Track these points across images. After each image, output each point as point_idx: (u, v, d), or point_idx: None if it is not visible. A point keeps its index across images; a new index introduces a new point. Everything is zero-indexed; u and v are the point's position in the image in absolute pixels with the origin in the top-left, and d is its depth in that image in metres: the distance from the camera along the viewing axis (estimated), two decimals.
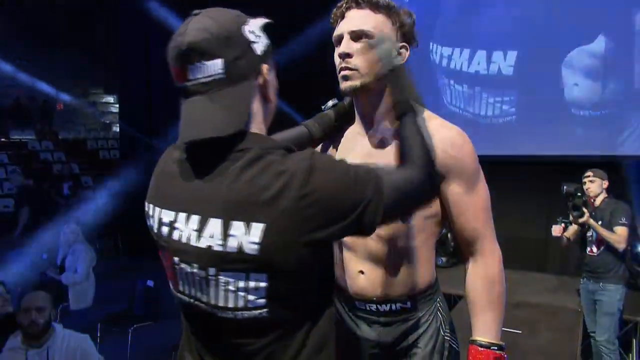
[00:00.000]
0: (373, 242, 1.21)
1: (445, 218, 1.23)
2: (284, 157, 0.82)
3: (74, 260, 4.17)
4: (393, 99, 1.10)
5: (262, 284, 0.82)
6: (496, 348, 1.15)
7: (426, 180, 0.94)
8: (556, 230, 3.32)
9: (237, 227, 0.80)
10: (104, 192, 10.36)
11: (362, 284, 1.24)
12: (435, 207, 1.20)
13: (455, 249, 4.43)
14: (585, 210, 3.09)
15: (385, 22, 1.16)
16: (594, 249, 3.20)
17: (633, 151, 4.40)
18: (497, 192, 1.25)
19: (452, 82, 5.20)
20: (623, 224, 3.05)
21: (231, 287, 0.83)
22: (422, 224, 1.20)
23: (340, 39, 1.17)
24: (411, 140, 1.00)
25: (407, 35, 1.20)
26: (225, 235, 0.80)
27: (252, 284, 0.82)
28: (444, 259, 4.61)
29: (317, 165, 0.81)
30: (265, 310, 0.84)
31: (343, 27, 1.16)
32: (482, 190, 1.20)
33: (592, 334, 3.26)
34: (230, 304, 0.84)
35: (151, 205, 0.93)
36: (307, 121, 1.27)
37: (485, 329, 1.17)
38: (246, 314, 0.84)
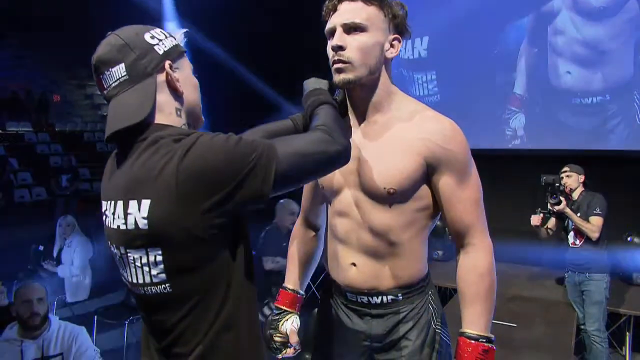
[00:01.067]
0: (365, 235, 1.22)
1: (438, 211, 1.23)
2: (175, 141, 0.90)
3: (70, 252, 4.18)
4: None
5: (159, 258, 0.91)
6: (485, 340, 1.15)
7: (329, 142, 0.99)
8: (535, 219, 3.38)
9: (132, 205, 0.90)
10: (100, 184, 10.37)
11: (353, 276, 1.25)
12: (427, 199, 1.21)
13: (450, 243, 4.45)
14: (562, 198, 3.18)
15: (378, 14, 1.16)
16: (577, 242, 3.28)
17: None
18: (492, 183, 1.26)
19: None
20: (598, 214, 3.15)
21: (137, 264, 0.93)
22: (414, 217, 1.21)
23: (332, 31, 1.16)
24: (321, 113, 1.10)
25: (399, 27, 1.19)
26: (125, 214, 0.91)
27: (151, 258, 0.91)
28: (440, 252, 4.62)
29: (197, 142, 0.89)
30: (168, 284, 0.92)
31: (335, 20, 1.16)
32: (474, 182, 1.19)
33: (582, 327, 3.30)
34: (140, 280, 0.94)
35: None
36: (295, 114, 1.26)
37: (474, 321, 1.17)
38: (153, 289, 0.93)
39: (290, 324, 1.38)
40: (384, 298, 1.24)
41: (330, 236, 1.34)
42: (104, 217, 0.99)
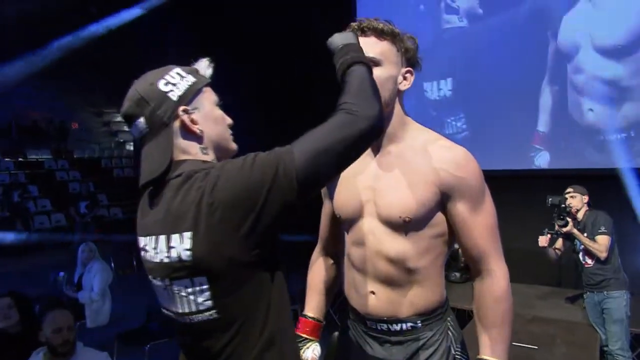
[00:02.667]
0: (381, 263, 1.24)
1: (454, 237, 1.25)
2: (206, 174, 0.94)
3: (90, 278, 4.23)
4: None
5: (205, 287, 0.94)
6: None
7: (352, 122, 0.95)
8: (542, 240, 3.38)
9: (175, 239, 0.94)
10: (118, 209, 10.50)
11: (372, 304, 1.27)
12: (442, 226, 1.23)
13: (467, 265, 4.40)
14: (569, 219, 3.21)
15: (391, 49, 1.20)
16: (589, 261, 3.27)
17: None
18: (510, 205, 1.28)
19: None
20: (603, 233, 3.15)
21: (183, 294, 0.96)
22: (430, 244, 1.23)
23: None
24: (348, 83, 1.03)
25: (411, 60, 1.24)
26: (168, 247, 0.95)
27: (197, 288, 0.94)
28: (457, 274, 4.59)
29: (223, 172, 0.93)
30: (214, 311, 0.95)
31: None
32: (488, 208, 1.21)
33: (605, 348, 3.24)
34: (186, 309, 0.97)
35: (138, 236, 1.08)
36: None
37: (491, 346, 1.19)
38: (199, 317, 0.97)
39: (312, 352, 1.40)
40: (403, 325, 1.25)
41: (348, 265, 1.36)
42: (143, 252, 1.03)
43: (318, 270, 1.52)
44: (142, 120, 1.00)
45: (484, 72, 5.08)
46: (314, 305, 1.49)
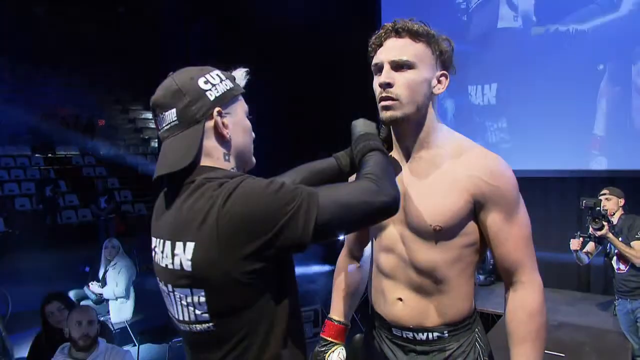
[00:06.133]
0: (411, 271, 1.21)
1: (485, 246, 1.21)
2: (220, 184, 0.92)
3: (115, 274, 4.29)
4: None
5: (202, 299, 0.93)
6: None
7: (375, 192, 0.96)
8: (574, 244, 3.27)
9: (179, 247, 0.93)
10: (142, 205, 10.67)
11: (399, 311, 1.24)
12: (474, 235, 1.19)
13: (494, 266, 4.34)
14: (604, 223, 3.06)
15: (426, 51, 1.15)
16: (622, 267, 3.16)
17: None
18: (538, 208, 1.23)
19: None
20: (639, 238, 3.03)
21: (184, 302, 0.96)
22: (460, 253, 1.19)
23: (380, 68, 1.16)
24: (371, 161, 1.06)
25: (446, 63, 1.19)
26: (172, 254, 0.94)
27: (195, 298, 0.94)
28: (482, 276, 4.51)
29: (240, 186, 0.90)
30: (211, 324, 0.95)
31: (382, 56, 1.16)
32: (523, 218, 1.17)
33: (638, 359, 3.13)
34: (186, 318, 0.97)
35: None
36: (339, 153, 1.26)
37: None
38: (198, 327, 0.96)
39: (337, 356, 1.38)
40: (430, 335, 1.22)
41: (375, 271, 1.33)
42: (154, 253, 1.03)
43: (344, 274, 1.50)
44: (173, 111, 0.98)
45: (530, 76, 4.80)
46: (339, 309, 1.47)
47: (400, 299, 1.24)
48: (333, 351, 1.39)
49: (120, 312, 4.23)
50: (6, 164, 10.34)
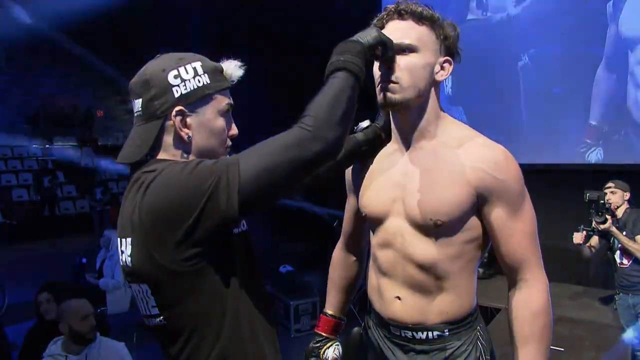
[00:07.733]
0: (410, 268, 1.16)
1: (488, 241, 1.17)
2: (153, 177, 0.89)
3: (111, 265, 4.27)
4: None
5: (149, 294, 0.93)
6: None
7: (306, 141, 0.86)
8: (577, 237, 3.24)
9: (124, 243, 0.94)
10: None
11: (397, 310, 1.19)
12: (476, 230, 1.14)
13: (491, 260, 4.30)
14: (608, 216, 3.02)
15: (429, 35, 1.11)
16: (625, 261, 3.12)
17: None
18: (535, 200, 1.17)
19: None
20: None
21: (140, 297, 0.96)
22: (462, 249, 1.14)
23: None
24: (321, 93, 0.93)
25: (450, 49, 1.14)
26: (121, 251, 0.95)
27: (144, 293, 0.94)
28: (480, 270, 4.47)
29: (158, 177, 0.88)
30: (161, 317, 0.94)
31: None
32: (528, 213, 1.12)
33: (637, 353, 3.11)
34: (144, 312, 0.97)
35: None
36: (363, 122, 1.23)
37: None
38: (153, 321, 0.96)
39: (332, 352, 1.35)
40: (430, 334, 1.17)
41: (372, 268, 1.29)
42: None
43: (340, 267, 1.46)
44: (140, 101, 0.96)
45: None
46: (334, 303, 1.44)
47: (398, 297, 1.19)
48: (328, 347, 1.36)
49: (117, 303, 4.22)
50: (3, 154, 10.30)
